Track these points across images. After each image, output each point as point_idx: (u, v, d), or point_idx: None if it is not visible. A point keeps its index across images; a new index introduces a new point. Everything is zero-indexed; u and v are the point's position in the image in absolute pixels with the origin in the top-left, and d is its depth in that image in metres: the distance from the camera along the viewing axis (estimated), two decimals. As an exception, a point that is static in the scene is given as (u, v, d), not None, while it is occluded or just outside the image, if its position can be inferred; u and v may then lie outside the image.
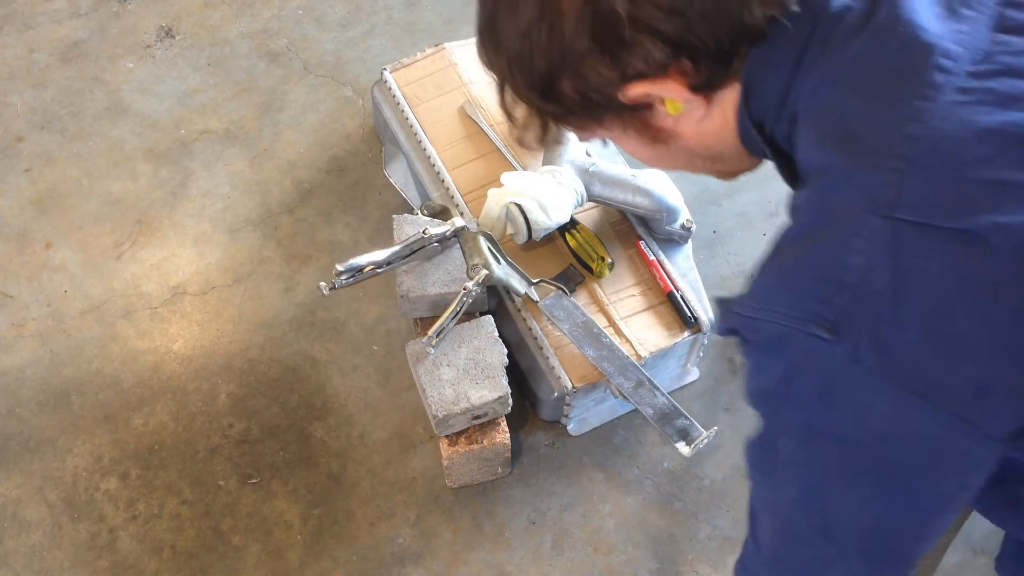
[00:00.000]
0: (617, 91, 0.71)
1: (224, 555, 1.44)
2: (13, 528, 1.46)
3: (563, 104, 0.73)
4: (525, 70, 0.72)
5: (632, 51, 0.67)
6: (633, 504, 1.49)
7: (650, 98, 0.72)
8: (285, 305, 1.68)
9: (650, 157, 0.82)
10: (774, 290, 0.66)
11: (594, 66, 0.69)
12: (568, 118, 0.76)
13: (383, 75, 1.74)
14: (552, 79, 0.71)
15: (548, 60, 0.70)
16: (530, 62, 0.71)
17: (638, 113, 0.74)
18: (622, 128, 0.77)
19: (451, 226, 1.45)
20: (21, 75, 1.97)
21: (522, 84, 0.74)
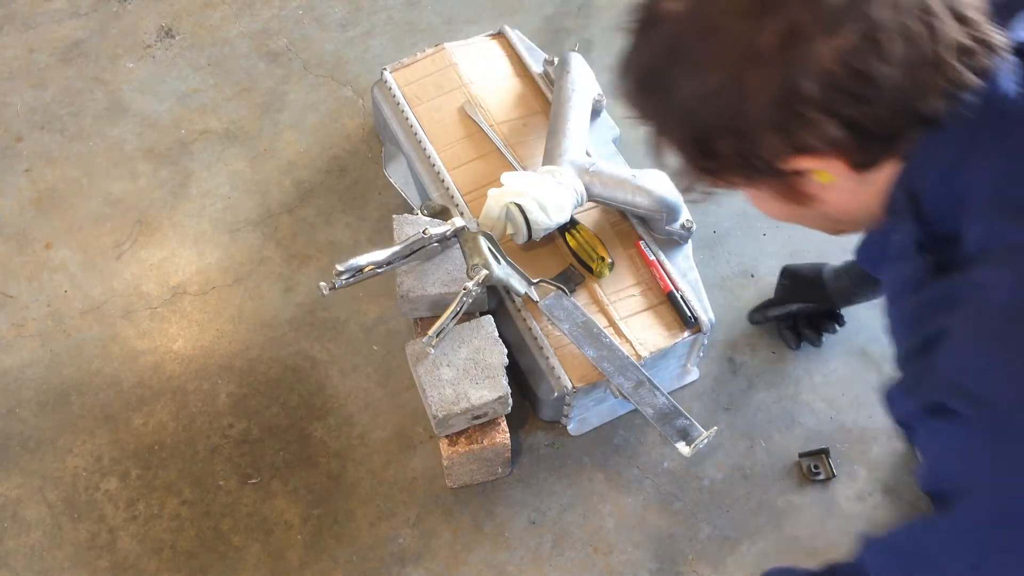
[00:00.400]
0: (779, 160, 0.73)
1: (224, 555, 1.44)
2: (13, 528, 1.46)
3: (719, 161, 0.76)
4: (689, 127, 0.74)
5: (809, 129, 0.70)
6: (633, 504, 1.49)
7: (807, 169, 0.74)
8: (285, 305, 1.68)
9: (782, 214, 0.85)
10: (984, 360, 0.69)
11: (765, 136, 0.71)
12: (720, 173, 0.78)
13: (383, 75, 1.74)
14: (715, 140, 0.73)
15: (718, 124, 0.72)
16: (698, 122, 0.73)
17: (788, 178, 0.77)
18: (768, 188, 0.80)
19: (451, 226, 1.45)
20: (21, 75, 1.97)
21: (681, 138, 0.76)
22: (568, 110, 1.58)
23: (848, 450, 1.54)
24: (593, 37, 2.05)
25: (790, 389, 1.60)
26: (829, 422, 1.57)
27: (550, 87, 1.71)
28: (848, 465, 1.52)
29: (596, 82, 1.69)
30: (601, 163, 1.52)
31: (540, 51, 1.79)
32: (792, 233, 1.77)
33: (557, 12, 2.09)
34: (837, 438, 1.55)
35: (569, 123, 1.56)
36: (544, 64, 1.74)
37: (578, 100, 1.60)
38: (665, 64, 0.73)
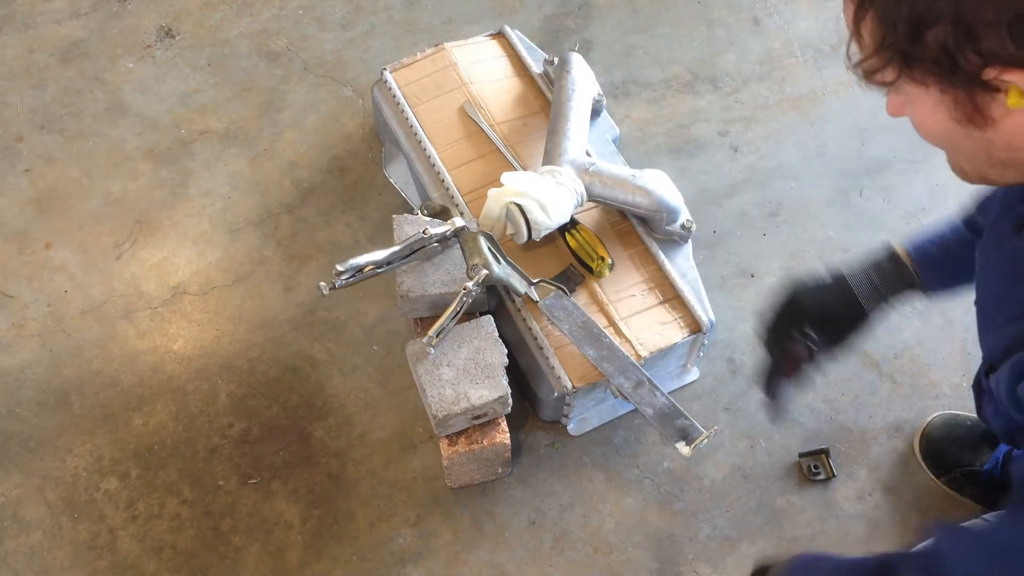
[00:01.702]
0: (989, 67, 0.69)
1: (224, 555, 1.44)
2: (13, 528, 1.46)
3: (922, 49, 0.70)
4: (910, 4, 0.69)
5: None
6: (633, 504, 1.49)
7: (1006, 84, 0.69)
8: (285, 305, 1.68)
9: (942, 131, 0.79)
10: None
11: (994, 36, 0.66)
12: (915, 64, 0.72)
13: (383, 75, 1.74)
14: (932, 25, 0.68)
15: (952, 9, 0.67)
16: (927, 1, 0.68)
17: (978, 91, 0.72)
18: (948, 98, 0.74)
19: (451, 226, 1.45)
20: (21, 75, 1.97)
21: (894, 15, 0.70)
22: (568, 110, 1.58)
23: (848, 450, 1.54)
24: (593, 37, 2.05)
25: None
26: (829, 422, 1.57)
27: (550, 87, 1.71)
28: (848, 465, 1.52)
29: (596, 82, 1.69)
30: (601, 163, 1.52)
31: (540, 51, 1.79)
32: (792, 232, 1.77)
33: (557, 12, 2.09)
34: (837, 438, 1.55)
35: (569, 123, 1.56)
36: (544, 64, 1.74)
37: (578, 100, 1.60)
38: None
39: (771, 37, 2.05)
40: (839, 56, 2.01)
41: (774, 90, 1.97)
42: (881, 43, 0.73)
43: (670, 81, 1.99)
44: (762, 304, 1.62)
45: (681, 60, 2.02)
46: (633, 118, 1.93)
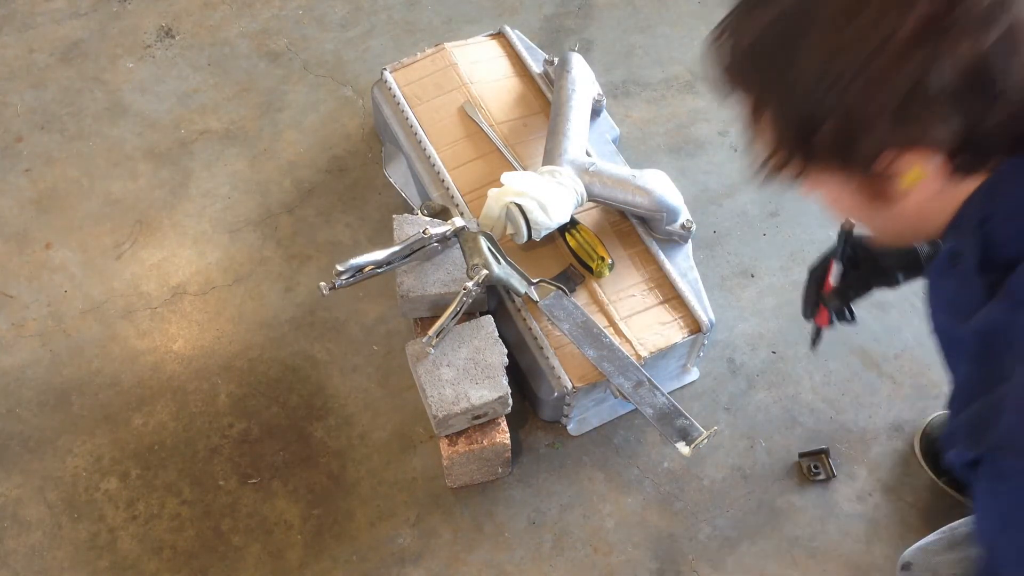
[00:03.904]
0: (880, 153, 0.70)
1: (224, 555, 1.44)
2: (13, 528, 1.46)
3: (817, 144, 0.72)
4: (800, 104, 0.70)
5: (925, 125, 0.67)
6: (633, 504, 1.49)
7: (903, 166, 0.71)
8: (285, 305, 1.68)
9: (853, 211, 0.81)
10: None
11: (878, 126, 0.68)
12: (813, 157, 0.74)
13: (383, 75, 1.74)
14: (824, 121, 0.70)
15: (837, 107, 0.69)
16: (814, 102, 0.69)
17: (878, 174, 0.73)
18: (853, 183, 0.76)
19: (451, 226, 1.45)
20: (21, 75, 1.97)
21: (787, 115, 0.72)
22: (568, 110, 1.58)
23: (848, 450, 1.54)
24: (593, 37, 2.05)
25: (790, 389, 1.60)
26: (829, 422, 1.57)
27: (550, 87, 1.71)
28: (848, 465, 1.52)
29: (596, 82, 1.69)
30: (601, 163, 1.52)
31: (540, 51, 1.79)
32: (792, 232, 1.77)
33: (557, 12, 2.09)
34: (837, 438, 1.55)
35: (569, 123, 1.56)
36: (544, 64, 1.74)
37: (578, 100, 1.60)
38: (793, 34, 0.69)
39: (771, 37, 2.05)
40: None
41: (774, 90, 1.97)
42: (780, 141, 0.74)
43: (670, 81, 1.99)
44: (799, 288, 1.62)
45: (681, 60, 2.02)
46: (633, 118, 1.93)
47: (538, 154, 1.60)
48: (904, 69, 0.66)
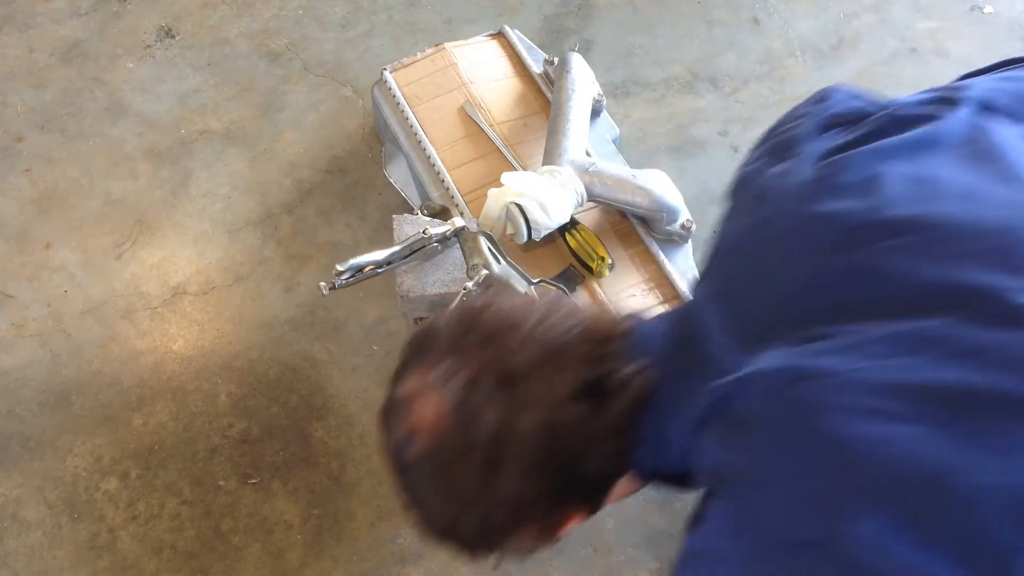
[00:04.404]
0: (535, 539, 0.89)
1: (224, 555, 1.44)
2: (13, 528, 1.46)
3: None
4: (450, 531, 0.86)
5: (526, 530, 0.87)
6: (633, 504, 1.49)
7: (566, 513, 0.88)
8: (285, 305, 1.68)
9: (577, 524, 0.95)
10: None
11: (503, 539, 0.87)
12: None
13: (383, 75, 1.74)
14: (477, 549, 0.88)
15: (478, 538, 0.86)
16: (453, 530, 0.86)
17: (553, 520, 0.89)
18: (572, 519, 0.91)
19: (451, 226, 1.45)
20: (21, 75, 1.97)
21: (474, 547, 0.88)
22: (568, 110, 1.58)
23: (848, 450, 1.54)
24: (593, 37, 2.05)
25: (790, 389, 1.60)
26: (829, 422, 1.56)
27: (550, 87, 1.71)
28: (848, 465, 1.52)
29: (596, 82, 1.69)
30: (601, 163, 1.52)
31: (540, 51, 1.79)
32: (792, 233, 1.77)
33: (557, 12, 2.09)
34: (837, 438, 1.55)
35: (569, 123, 1.56)
36: (544, 64, 1.74)
37: (578, 100, 1.60)
38: (409, 479, 0.85)
39: (771, 37, 2.05)
40: (839, 56, 2.02)
41: (774, 90, 1.97)
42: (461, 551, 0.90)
43: (670, 81, 1.99)
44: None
45: (681, 60, 2.02)
46: (633, 118, 1.93)
47: (538, 154, 1.60)
48: (496, 506, 0.81)
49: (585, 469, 0.82)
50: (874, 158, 0.81)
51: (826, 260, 0.77)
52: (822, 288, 0.76)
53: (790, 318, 0.76)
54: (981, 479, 0.61)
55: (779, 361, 0.72)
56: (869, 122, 0.86)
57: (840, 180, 0.80)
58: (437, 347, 0.82)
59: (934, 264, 0.72)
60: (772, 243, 0.81)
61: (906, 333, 0.69)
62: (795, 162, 0.86)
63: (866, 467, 0.65)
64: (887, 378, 0.67)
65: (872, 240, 0.75)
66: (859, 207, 0.77)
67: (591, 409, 0.80)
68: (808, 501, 0.67)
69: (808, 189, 0.82)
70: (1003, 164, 0.78)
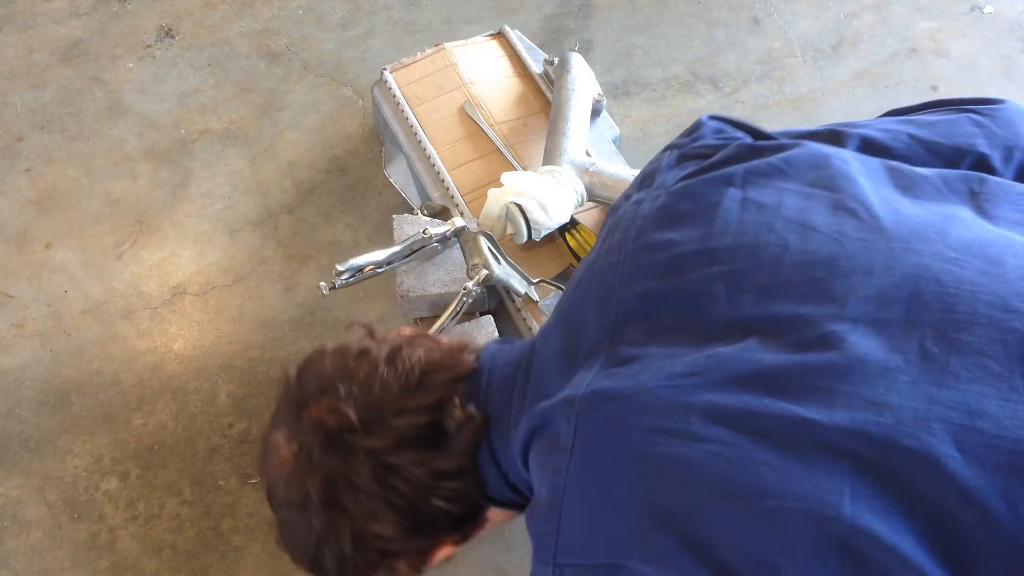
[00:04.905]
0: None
1: (224, 555, 1.44)
2: (13, 528, 1.46)
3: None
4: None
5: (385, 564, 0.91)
6: (633, 504, 1.49)
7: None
8: (285, 305, 1.68)
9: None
10: None
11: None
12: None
13: (383, 75, 1.74)
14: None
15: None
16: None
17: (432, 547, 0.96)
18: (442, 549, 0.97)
19: (451, 226, 1.45)
20: (21, 75, 1.97)
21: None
22: (568, 110, 1.58)
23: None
24: (593, 37, 2.05)
25: (790, 389, 1.60)
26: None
27: (550, 87, 1.71)
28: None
29: (596, 82, 1.69)
30: (601, 163, 1.52)
31: (540, 51, 1.79)
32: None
33: (557, 12, 2.09)
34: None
35: (569, 123, 1.56)
36: (544, 64, 1.74)
37: (578, 100, 1.60)
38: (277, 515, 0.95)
39: (771, 37, 2.05)
40: (839, 56, 2.01)
41: (774, 90, 1.97)
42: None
43: (670, 81, 1.99)
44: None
45: (681, 60, 2.02)
46: (633, 118, 1.93)
47: (538, 154, 1.60)
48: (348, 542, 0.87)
49: (435, 508, 0.85)
50: (719, 184, 0.84)
51: (653, 284, 0.80)
52: (642, 312, 0.79)
53: (608, 340, 0.79)
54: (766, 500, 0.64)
55: (588, 383, 0.76)
56: (727, 150, 0.90)
57: (680, 208, 0.84)
58: (288, 395, 0.90)
59: (751, 293, 0.75)
60: (608, 270, 0.84)
61: (706, 357, 0.72)
62: (648, 192, 0.90)
63: (662, 484, 0.68)
64: (678, 399, 0.70)
65: (700, 267, 0.78)
66: (693, 235, 0.81)
67: (425, 454, 0.84)
68: (610, 520, 0.69)
69: (651, 217, 0.86)
70: (843, 195, 0.80)
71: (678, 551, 0.65)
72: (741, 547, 0.64)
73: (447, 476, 0.85)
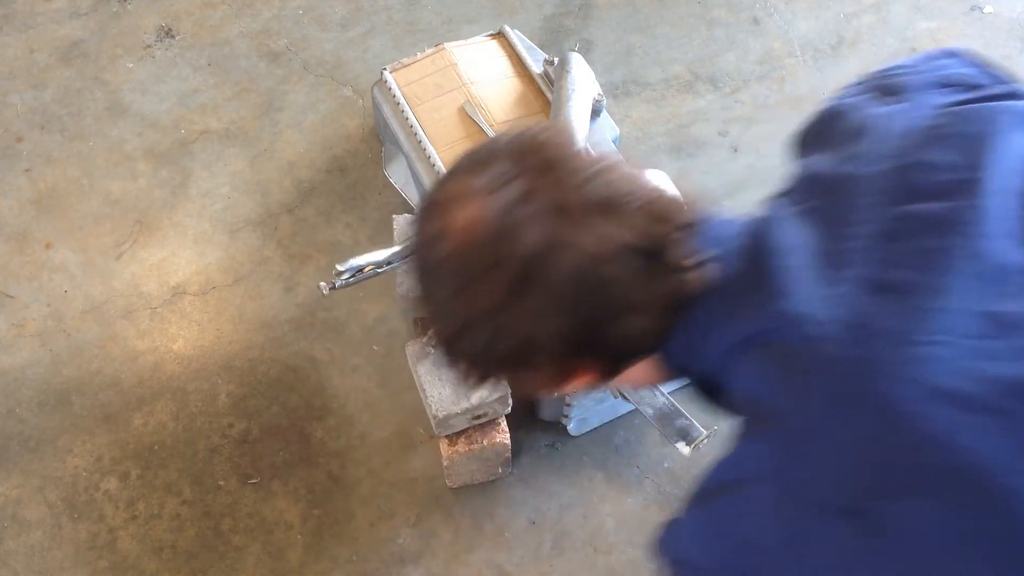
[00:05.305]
0: (537, 387, 0.83)
1: (224, 555, 1.44)
2: (13, 528, 1.46)
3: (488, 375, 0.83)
4: (467, 348, 0.80)
5: (541, 367, 0.78)
6: (633, 504, 1.49)
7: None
8: (285, 305, 1.68)
9: (583, 387, 0.90)
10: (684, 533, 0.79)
11: (506, 370, 0.81)
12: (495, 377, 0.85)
13: (383, 75, 1.74)
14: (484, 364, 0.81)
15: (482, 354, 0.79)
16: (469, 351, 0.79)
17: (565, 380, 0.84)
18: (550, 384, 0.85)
19: (451, 226, 1.45)
20: (21, 75, 1.97)
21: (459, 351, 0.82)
22: (568, 110, 1.58)
23: (848, 450, 1.54)
24: (593, 37, 2.05)
25: (790, 389, 1.60)
26: (829, 422, 1.56)
27: (550, 87, 1.71)
28: (848, 465, 1.52)
29: (596, 82, 1.69)
30: (601, 163, 1.52)
31: (540, 51, 1.79)
32: (792, 233, 1.77)
33: (557, 12, 2.09)
34: (837, 438, 1.55)
35: (569, 123, 1.56)
36: (544, 64, 1.74)
37: (578, 100, 1.60)
38: (430, 278, 0.82)
39: (771, 37, 2.05)
40: (839, 56, 2.01)
41: (774, 90, 1.97)
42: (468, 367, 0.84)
43: (670, 81, 1.99)
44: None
45: (681, 60, 2.02)
46: (633, 118, 1.93)
47: (538, 154, 1.60)
48: (515, 329, 0.74)
49: (611, 332, 0.75)
50: (991, 119, 0.77)
51: (917, 208, 0.73)
52: (910, 233, 0.71)
53: (877, 259, 0.71)
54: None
55: (857, 309, 0.68)
56: (991, 87, 0.82)
57: (952, 130, 0.77)
58: (493, 156, 0.76)
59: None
60: (867, 180, 0.76)
61: (998, 314, 0.65)
62: (907, 107, 0.82)
63: (925, 450, 0.62)
64: (969, 361, 0.64)
65: (969, 195, 0.71)
66: (962, 162, 0.74)
67: (639, 274, 0.73)
68: (856, 470, 0.64)
69: (918, 135, 0.78)
70: None
71: (926, 517, 0.62)
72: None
73: (643, 309, 0.75)
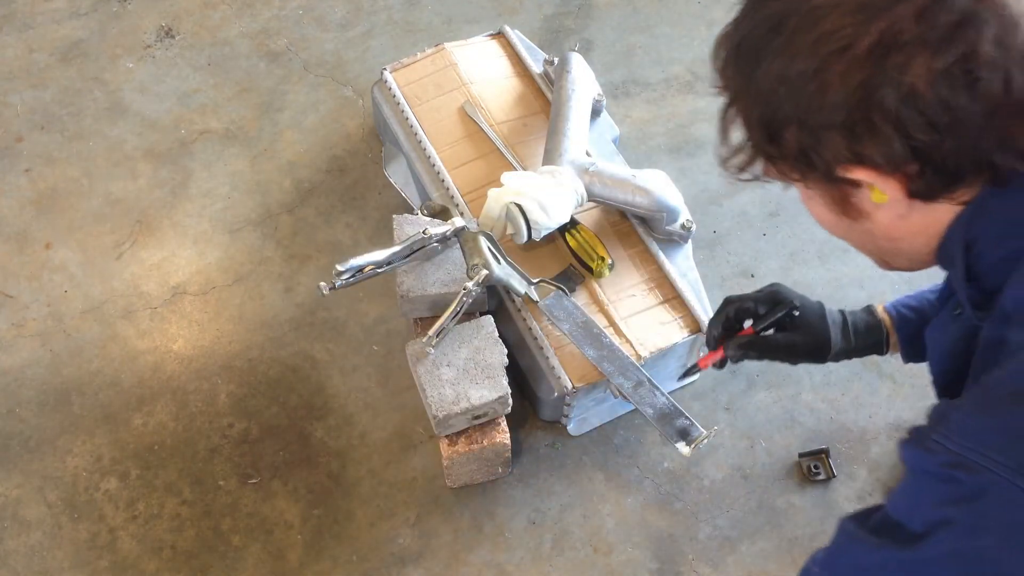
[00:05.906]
0: (838, 165, 0.72)
1: (224, 555, 1.44)
2: (13, 528, 1.46)
3: (781, 149, 0.74)
4: (763, 106, 0.73)
5: (875, 141, 0.69)
6: (633, 504, 1.49)
7: (862, 182, 0.73)
8: (285, 305, 1.68)
9: (829, 223, 0.83)
10: (986, 433, 0.68)
11: (831, 136, 0.70)
12: (779, 162, 0.77)
13: (383, 75, 1.74)
14: (785, 126, 0.72)
15: (794, 112, 0.71)
16: (775, 104, 0.72)
17: (842, 186, 0.75)
18: (820, 191, 0.78)
19: (451, 226, 1.45)
20: (21, 75, 1.97)
21: (752, 116, 0.75)
22: (568, 110, 1.58)
23: (848, 450, 1.54)
24: (593, 37, 2.05)
25: (790, 389, 1.60)
26: (829, 422, 1.57)
27: (550, 87, 1.71)
28: (848, 465, 1.52)
29: (596, 82, 1.69)
30: (601, 163, 1.52)
31: (540, 51, 1.79)
32: (792, 232, 1.77)
33: (557, 12, 2.09)
34: (837, 438, 1.55)
35: (569, 123, 1.56)
36: (544, 64, 1.74)
37: (578, 100, 1.60)
38: (762, 38, 0.72)
39: (771, 37, 2.05)
40: (839, 56, 2.01)
41: (774, 90, 1.97)
42: (749, 143, 0.77)
43: (670, 81, 1.99)
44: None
45: (681, 60, 2.02)
46: (633, 118, 1.93)
47: (538, 154, 1.60)
48: (852, 81, 0.67)
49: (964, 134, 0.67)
50: None
51: None
52: None
53: None
54: None
55: None
56: None
57: None
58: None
59: None
60: None
61: None
62: None
63: None
64: None
65: None
66: None
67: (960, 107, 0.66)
68: None
69: None
70: None
71: None
72: None
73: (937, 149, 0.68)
